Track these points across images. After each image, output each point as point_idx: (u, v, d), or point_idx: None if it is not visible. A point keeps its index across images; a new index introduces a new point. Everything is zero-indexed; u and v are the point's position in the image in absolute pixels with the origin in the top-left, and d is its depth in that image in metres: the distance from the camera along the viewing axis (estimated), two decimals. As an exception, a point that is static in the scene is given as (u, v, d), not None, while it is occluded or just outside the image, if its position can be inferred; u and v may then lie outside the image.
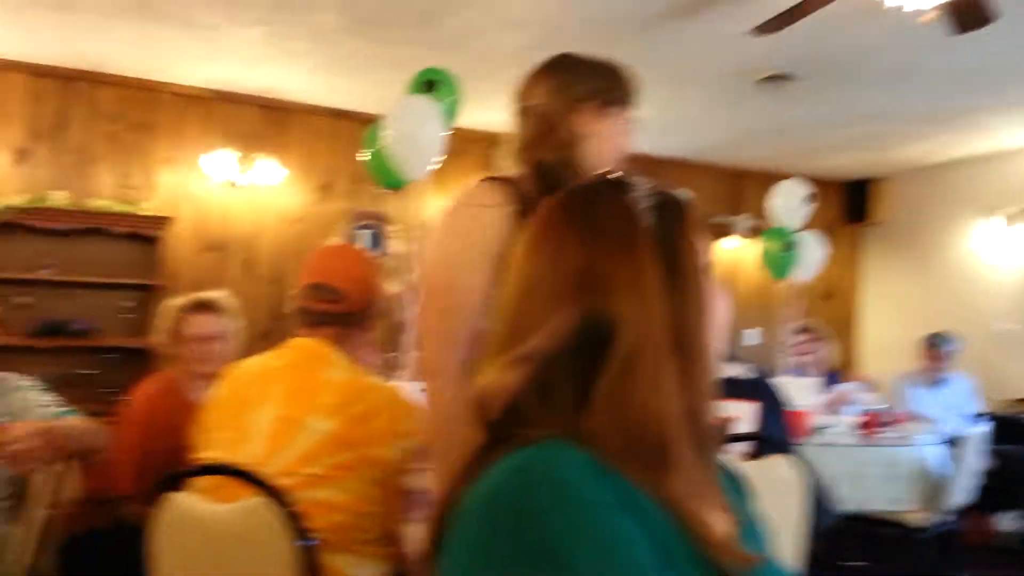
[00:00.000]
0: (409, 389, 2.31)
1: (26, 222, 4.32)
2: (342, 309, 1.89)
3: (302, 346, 1.86)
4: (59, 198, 4.46)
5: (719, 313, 0.85)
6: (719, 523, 0.76)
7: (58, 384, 2.17)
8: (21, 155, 4.53)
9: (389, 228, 5.44)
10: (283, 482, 1.62)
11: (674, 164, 6.17)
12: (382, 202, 5.41)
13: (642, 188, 0.82)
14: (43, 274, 4.41)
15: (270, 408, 1.74)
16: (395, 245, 5.43)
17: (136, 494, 2.43)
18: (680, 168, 6.20)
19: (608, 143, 1.65)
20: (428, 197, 4.55)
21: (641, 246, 0.78)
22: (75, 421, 2.03)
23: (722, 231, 6.37)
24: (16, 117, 4.54)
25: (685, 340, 0.77)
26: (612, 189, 0.83)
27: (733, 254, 6.46)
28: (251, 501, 1.60)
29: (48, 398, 2.09)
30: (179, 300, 2.74)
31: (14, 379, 2.11)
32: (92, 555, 2.42)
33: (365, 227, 5.40)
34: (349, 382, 1.78)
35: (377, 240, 5.41)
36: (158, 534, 1.70)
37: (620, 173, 0.85)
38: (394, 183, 3.68)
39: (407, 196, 4.64)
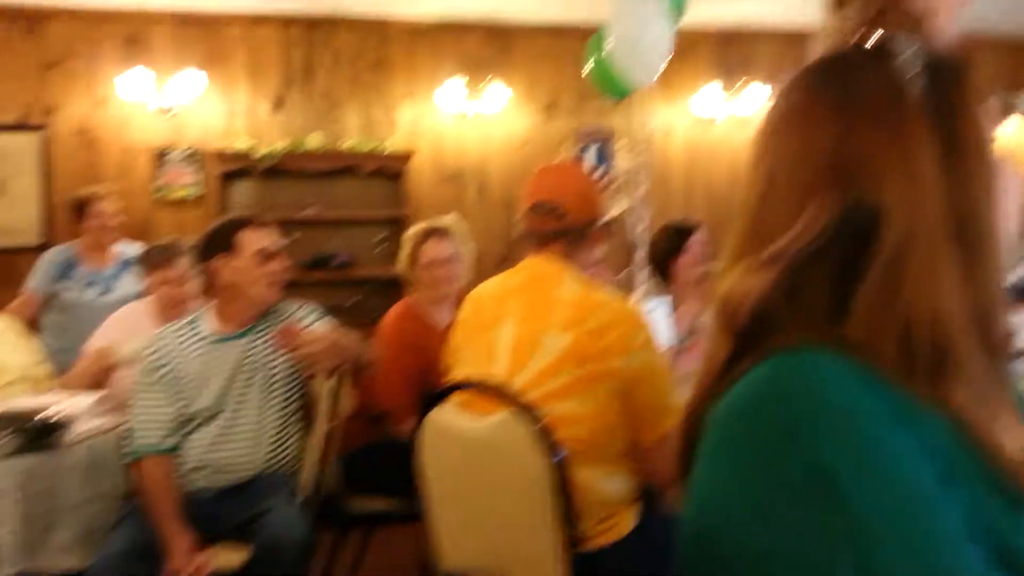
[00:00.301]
0: (642, 310, 2.27)
1: (288, 166, 4.76)
2: (564, 225, 1.88)
3: (534, 266, 1.89)
4: (313, 141, 4.85)
5: (1008, 197, 0.70)
6: (1013, 439, 0.65)
7: (328, 313, 2.39)
8: (278, 103, 4.97)
9: (615, 144, 5.35)
10: (528, 397, 1.67)
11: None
12: (607, 118, 5.32)
13: (908, 51, 0.70)
14: (306, 214, 4.86)
15: (509, 327, 1.80)
16: (621, 161, 5.33)
17: (393, 410, 2.64)
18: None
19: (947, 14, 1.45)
20: (655, 106, 4.38)
21: (910, 119, 0.66)
22: (351, 334, 2.25)
23: (1004, 111, 5.54)
24: (272, 68, 4.97)
25: (967, 228, 0.65)
26: (871, 55, 0.71)
27: (1016, 137, 5.60)
28: (502, 415, 1.67)
29: (321, 323, 2.33)
30: (413, 229, 2.90)
31: (293, 305, 2.38)
32: (369, 467, 2.67)
33: (590, 145, 5.35)
34: (581, 298, 1.78)
35: (603, 157, 5.35)
36: (422, 448, 1.83)
37: (880, 34, 0.72)
38: (619, 92, 3.57)
39: (632, 107, 4.51)
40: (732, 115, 5.51)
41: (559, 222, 1.87)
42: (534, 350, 1.74)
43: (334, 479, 2.66)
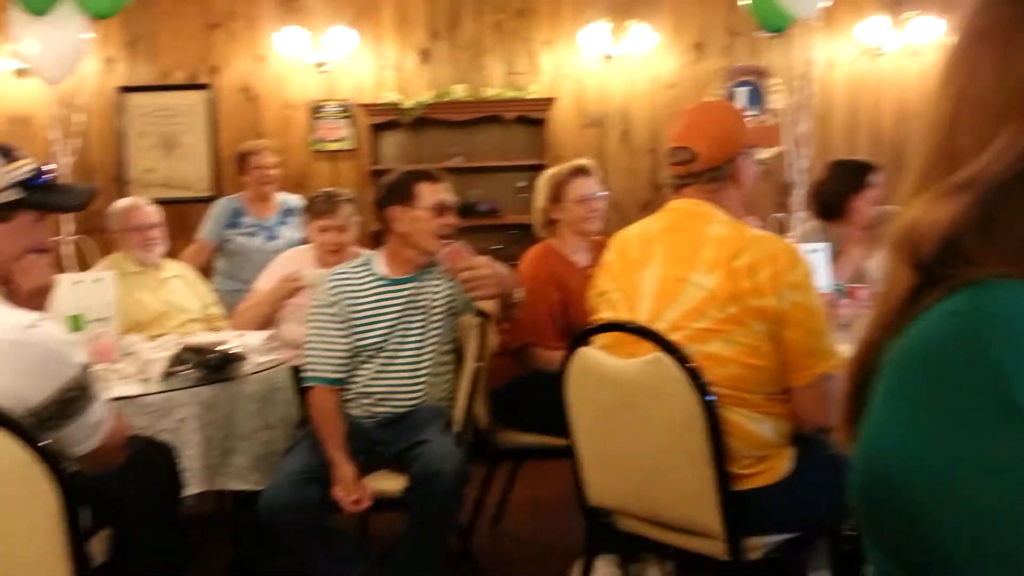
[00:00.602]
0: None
1: (434, 116, 4.86)
2: (698, 168, 1.84)
3: (679, 207, 1.87)
4: (458, 91, 4.92)
5: None
6: None
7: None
8: (425, 55, 5.06)
9: (769, 82, 5.09)
10: (673, 337, 1.65)
11: None
12: (760, 55, 5.06)
13: None
14: (452, 162, 4.95)
15: (654, 269, 1.79)
16: (776, 100, 5.07)
17: (538, 342, 2.69)
18: None
19: None
20: (814, 41, 4.12)
21: None
22: (508, 269, 2.33)
23: None
24: (418, 21, 5.05)
25: None
26: None
27: None
28: (652, 356, 1.66)
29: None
30: (555, 169, 2.91)
31: None
32: (516, 403, 2.74)
33: (742, 84, 5.12)
34: (730, 236, 1.74)
35: (756, 96, 5.11)
36: (569, 386, 1.86)
37: None
38: (779, 25, 3.38)
39: (791, 41, 4.27)
40: (901, 46, 5.08)
41: (690, 166, 1.84)
42: (679, 291, 1.72)
43: (484, 414, 2.76)
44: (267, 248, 3.95)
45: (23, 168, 1.47)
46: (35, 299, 1.49)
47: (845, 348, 1.71)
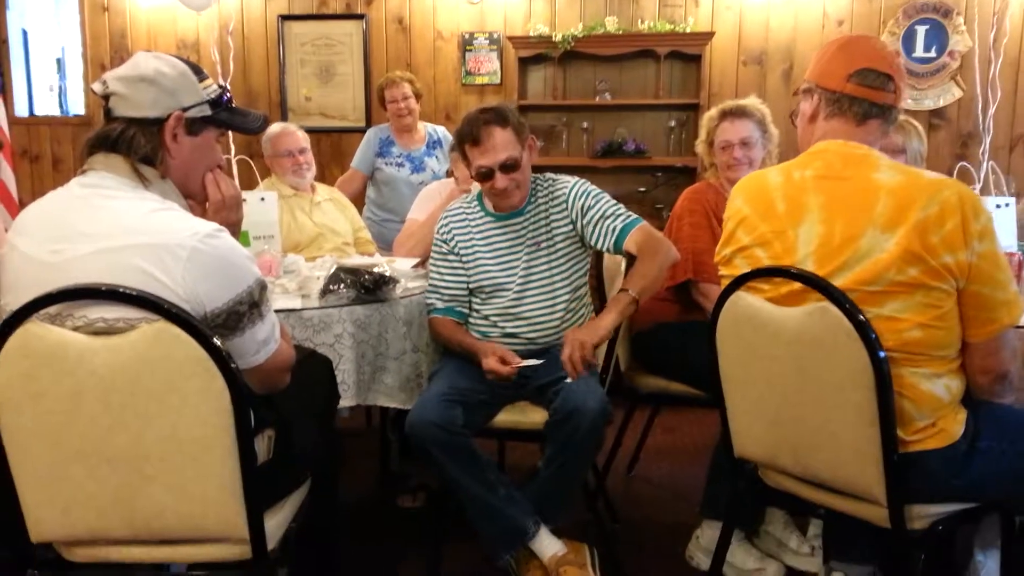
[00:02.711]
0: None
1: (583, 50, 4.73)
2: (891, 101, 1.65)
3: (831, 149, 1.66)
4: (610, 24, 4.75)
5: None
6: None
7: (617, 200, 2.38)
8: (578, -13, 4.92)
9: (953, 22, 4.63)
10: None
11: None
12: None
13: None
14: (599, 99, 4.83)
15: (812, 225, 1.61)
16: (959, 42, 4.62)
17: (700, 279, 2.60)
18: None
19: None
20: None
21: None
22: (663, 244, 2.26)
23: None
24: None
25: None
26: None
27: None
28: (815, 306, 1.54)
29: (586, 195, 2.34)
30: (713, 110, 2.78)
31: (560, 180, 2.42)
32: (655, 348, 2.68)
33: (921, 22, 4.68)
34: (906, 184, 1.54)
35: (936, 37, 4.66)
36: (721, 330, 1.77)
37: None
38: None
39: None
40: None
41: (889, 96, 1.65)
42: (849, 252, 1.55)
43: (624, 356, 2.71)
44: (413, 180, 4.01)
45: (211, 87, 1.52)
46: (220, 212, 1.55)
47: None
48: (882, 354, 1.48)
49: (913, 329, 1.52)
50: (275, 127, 3.37)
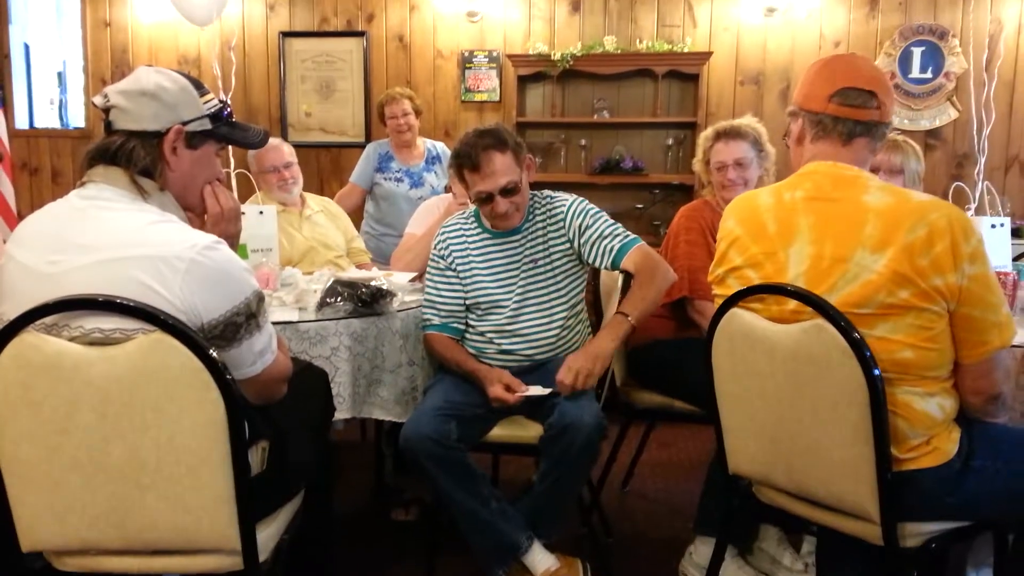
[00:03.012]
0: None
1: (582, 68, 4.76)
2: (878, 117, 1.65)
3: (820, 171, 1.66)
4: (608, 43, 4.80)
5: None
6: None
7: (614, 217, 2.40)
8: (575, 6, 4.96)
9: (948, 44, 4.68)
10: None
11: None
12: (940, 13, 4.67)
13: None
14: (597, 117, 4.86)
15: (802, 246, 1.62)
16: (955, 64, 4.66)
17: (695, 297, 2.61)
18: None
19: None
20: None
21: None
22: (660, 266, 2.28)
23: None
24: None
25: None
26: None
27: None
28: (810, 323, 1.54)
29: (584, 214, 2.35)
30: (709, 130, 2.80)
31: (558, 198, 2.43)
32: (651, 363, 2.69)
33: (917, 44, 4.72)
34: (895, 205, 1.54)
35: (931, 58, 4.71)
36: (717, 346, 1.78)
37: None
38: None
39: (974, 1, 3.90)
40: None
41: (873, 112, 1.64)
42: (838, 274, 1.55)
43: (620, 371, 2.72)
44: (412, 195, 4.03)
45: (212, 101, 1.54)
46: (219, 224, 1.56)
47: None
48: (877, 372, 1.49)
49: (905, 350, 1.53)
50: (258, 143, 3.35)
